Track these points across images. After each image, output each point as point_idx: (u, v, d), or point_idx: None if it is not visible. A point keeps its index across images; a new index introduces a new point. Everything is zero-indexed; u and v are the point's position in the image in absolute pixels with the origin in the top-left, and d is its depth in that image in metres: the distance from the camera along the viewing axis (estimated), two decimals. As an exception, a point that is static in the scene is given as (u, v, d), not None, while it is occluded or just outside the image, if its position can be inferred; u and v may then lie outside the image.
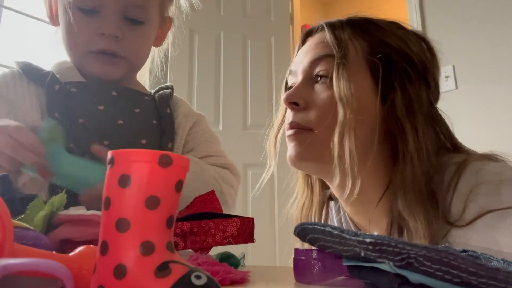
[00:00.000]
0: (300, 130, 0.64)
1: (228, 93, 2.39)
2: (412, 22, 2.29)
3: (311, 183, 0.75)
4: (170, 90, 0.85)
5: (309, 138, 0.62)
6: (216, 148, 0.85)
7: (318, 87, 0.64)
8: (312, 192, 0.74)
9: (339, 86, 0.60)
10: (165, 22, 0.83)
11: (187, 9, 0.88)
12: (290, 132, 0.65)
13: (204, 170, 0.74)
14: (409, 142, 0.59)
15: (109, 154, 0.27)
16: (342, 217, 0.73)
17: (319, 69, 0.64)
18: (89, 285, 0.27)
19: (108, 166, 0.27)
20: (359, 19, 0.68)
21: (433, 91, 0.66)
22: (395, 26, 0.68)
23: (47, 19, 0.77)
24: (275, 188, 2.32)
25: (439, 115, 0.67)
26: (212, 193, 0.56)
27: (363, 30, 0.66)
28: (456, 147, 0.65)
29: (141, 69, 0.83)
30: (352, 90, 0.60)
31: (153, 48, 0.84)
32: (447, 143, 0.65)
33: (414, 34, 0.68)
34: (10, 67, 2.04)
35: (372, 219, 0.65)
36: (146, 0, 0.72)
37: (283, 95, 0.68)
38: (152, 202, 0.26)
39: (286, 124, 0.67)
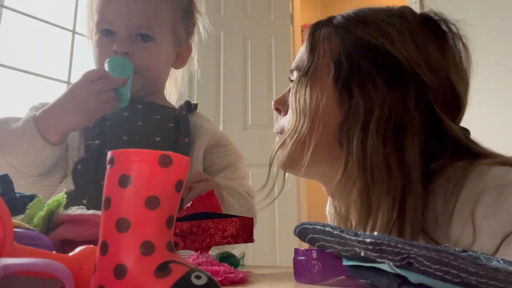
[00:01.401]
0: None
1: (228, 93, 2.39)
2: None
3: None
4: (190, 101, 0.95)
5: (284, 146, 0.63)
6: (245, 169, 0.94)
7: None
8: None
9: (293, 95, 0.60)
10: (185, 48, 0.95)
11: (206, 37, 1.03)
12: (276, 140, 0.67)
13: (248, 201, 0.88)
14: (353, 155, 0.55)
15: (109, 154, 0.27)
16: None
17: (293, 78, 0.65)
18: (89, 285, 0.27)
19: (108, 166, 0.27)
20: (348, 14, 0.63)
21: (437, 91, 0.57)
22: (394, 17, 0.60)
23: (88, 37, 0.90)
24: (275, 188, 2.31)
25: (448, 125, 0.56)
26: (211, 193, 0.57)
27: (342, 27, 0.61)
28: (469, 152, 0.55)
29: (168, 89, 0.96)
30: (308, 97, 0.58)
31: (176, 70, 0.97)
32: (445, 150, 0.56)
33: (416, 19, 0.60)
34: (11, 67, 2.04)
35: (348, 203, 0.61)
36: (151, 22, 0.83)
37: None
38: (152, 202, 0.26)
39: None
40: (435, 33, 0.59)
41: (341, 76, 0.58)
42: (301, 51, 0.66)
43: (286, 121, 0.64)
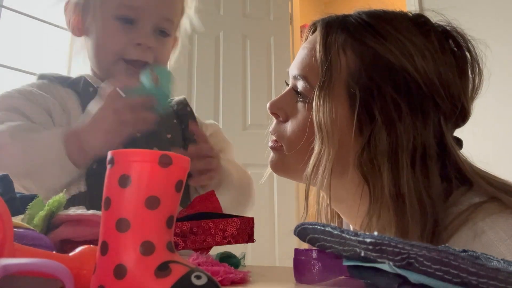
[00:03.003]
0: (276, 144, 0.63)
1: (228, 93, 2.39)
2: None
3: None
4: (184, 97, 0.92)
5: (280, 152, 0.62)
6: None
7: (299, 105, 0.61)
8: None
9: (318, 113, 0.55)
10: (175, 40, 0.88)
11: (190, 32, 0.92)
12: (269, 144, 0.64)
13: (246, 172, 0.90)
14: (385, 188, 0.51)
15: (109, 154, 0.27)
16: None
17: (299, 87, 0.60)
18: (89, 285, 0.27)
19: (108, 166, 0.27)
20: (360, 20, 0.58)
21: (450, 115, 0.55)
22: (410, 26, 0.56)
23: (68, 29, 0.81)
24: (275, 188, 2.32)
25: (451, 146, 0.55)
26: (212, 193, 0.56)
27: (357, 38, 0.56)
28: (470, 181, 0.53)
29: None
30: (331, 120, 0.54)
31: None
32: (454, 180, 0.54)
33: (438, 38, 0.56)
34: (10, 67, 2.04)
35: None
36: (174, 15, 0.79)
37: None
38: (152, 202, 0.26)
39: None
40: (456, 56, 0.57)
41: (361, 98, 0.54)
42: (308, 56, 0.60)
43: (289, 132, 0.60)
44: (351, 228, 0.70)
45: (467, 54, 0.58)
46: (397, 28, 0.56)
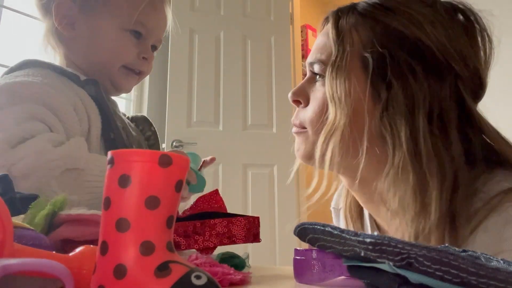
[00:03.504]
0: (299, 129, 0.65)
1: (228, 93, 2.39)
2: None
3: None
4: None
5: (304, 135, 0.63)
6: None
7: (317, 84, 0.64)
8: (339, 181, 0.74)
9: (330, 87, 0.58)
10: None
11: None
12: (293, 130, 0.66)
13: None
14: (403, 145, 0.53)
15: (109, 154, 0.27)
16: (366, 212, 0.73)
17: (316, 69, 0.63)
18: (89, 285, 0.27)
19: (108, 166, 0.27)
20: (371, 2, 0.62)
21: (468, 82, 0.57)
22: (419, 3, 0.59)
23: (56, 22, 0.80)
24: (275, 188, 2.32)
25: (477, 114, 0.57)
26: (215, 192, 0.56)
27: (368, 16, 0.60)
28: (500, 159, 0.55)
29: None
30: (344, 90, 0.56)
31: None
32: (491, 151, 0.55)
33: (448, 9, 0.60)
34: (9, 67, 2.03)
35: (382, 215, 0.64)
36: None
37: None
38: (152, 202, 0.26)
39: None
40: (464, 24, 0.59)
41: (376, 67, 0.57)
42: (322, 42, 0.63)
43: (309, 113, 0.62)
44: (367, 216, 0.71)
45: (476, 24, 0.60)
46: (405, 3, 0.59)
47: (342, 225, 0.75)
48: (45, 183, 0.56)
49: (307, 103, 0.64)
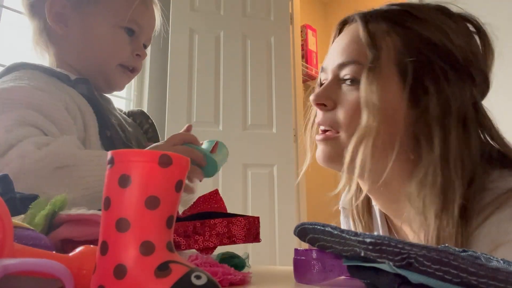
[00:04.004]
0: (328, 131, 0.64)
1: (228, 93, 2.39)
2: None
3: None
4: None
5: (337, 140, 0.63)
6: None
7: (345, 88, 0.63)
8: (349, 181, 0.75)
9: (365, 91, 0.59)
10: None
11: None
12: (320, 132, 0.66)
13: None
14: (435, 149, 0.56)
15: (109, 154, 0.27)
16: (377, 211, 0.74)
17: (346, 72, 0.63)
18: (89, 285, 0.27)
19: (108, 166, 0.27)
20: (397, 9, 0.64)
21: (480, 86, 0.62)
22: (438, 13, 0.63)
23: (49, 20, 0.79)
24: (275, 188, 2.32)
25: (486, 115, 0.61)
26: (215, 192, 0.56)
27: (399, 23, 0.62)
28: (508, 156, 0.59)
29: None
30: (379, 95, 0.58)
31: None
32: (493, 150, 0.59)
33: (461, 19, 0.63)
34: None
35: (404, 216, 0.64)
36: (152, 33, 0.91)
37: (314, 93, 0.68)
38: (152, 202, 0.26)
39: (316, 123, 0.67)
40: (476, 34, 0.63)
41: (412, 72, 0.59)
42: (349, 44, 0.64)
43: (342, 116, 0.62)
44: (377, 214, 0.72)
45: (484, 34, 0.64)
46: (429, 13, 0.63)
47: (351, 224, 0.75)
48: (35, 185, 0.56)
49: (333, 106, 0.64)
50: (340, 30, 0.70)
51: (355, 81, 0.62)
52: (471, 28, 0.64)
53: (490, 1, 2.06)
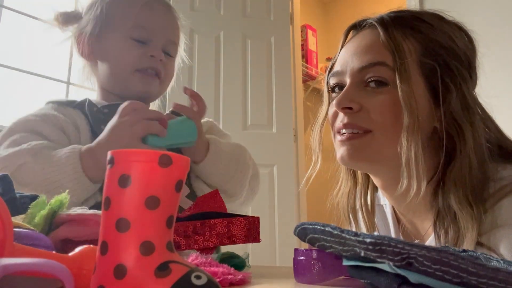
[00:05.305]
0: (355, 132, 0.65)
1: (228, 93, 2.39)
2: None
3: (353, 173, 0.76)
4: None
5: (367, 139, 0.64)
6: None
7: (371, 90, 0.65)
8: (355, 182, 0.76)
9: (403, 91, 0.61)
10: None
11: (181, 65, 1.03)
12: (345, 133, 0.66)
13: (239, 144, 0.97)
14: (468, 141, 0.61)
15: (109, 154, 0.27)
16: (388, 210, 0.76)
17: (371, 75, 0.65)
18: (89, 285, 0.27)
19: (108, 166, 0.27)
20: (406, 15, 0.68)
21: (474, 82, 0.68)
22: (439, 20, 0.68)
23: (81, 57, 0.87)
24: (275, 188, 2.31)
25: (483, 105, 0.67)
26: (216, 192, 0.56)
27: (412, 28, 0.66)
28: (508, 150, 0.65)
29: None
30: (412, 94, 0.61)
31: None
32: (493, 142, 0.65)
33: (455, 25, 0.69)
34: (10, 67, 2.04)
35: (416, 212, 0.68)
36: (178, 39, 0.92)
37: (326, 95, 0.71)
38: (152, 202, 0.26)
39: (338, 124, 0.68)
40: (469, 39, 0.70)
41: (434, 74, 0.64)
42: (370, 47, 0.66)
43: (375, 113, 0.64)
44: (388, 213, 0.76)
45: (470, 38, 0.70)
46: (433, 19, 0.68)
47: (361, 223, 0.76)
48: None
49: (359, 108, 0.65)
50: (347, 36, 0.72)
51: (381, 83, 0.64)
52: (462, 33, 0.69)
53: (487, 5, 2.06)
